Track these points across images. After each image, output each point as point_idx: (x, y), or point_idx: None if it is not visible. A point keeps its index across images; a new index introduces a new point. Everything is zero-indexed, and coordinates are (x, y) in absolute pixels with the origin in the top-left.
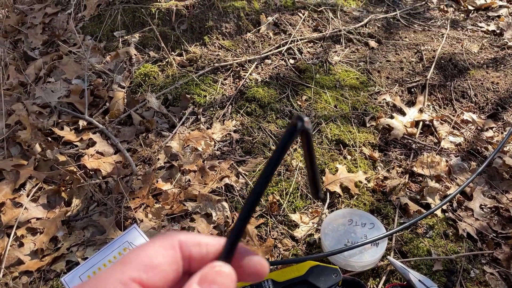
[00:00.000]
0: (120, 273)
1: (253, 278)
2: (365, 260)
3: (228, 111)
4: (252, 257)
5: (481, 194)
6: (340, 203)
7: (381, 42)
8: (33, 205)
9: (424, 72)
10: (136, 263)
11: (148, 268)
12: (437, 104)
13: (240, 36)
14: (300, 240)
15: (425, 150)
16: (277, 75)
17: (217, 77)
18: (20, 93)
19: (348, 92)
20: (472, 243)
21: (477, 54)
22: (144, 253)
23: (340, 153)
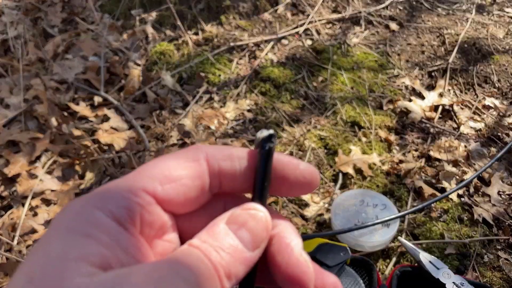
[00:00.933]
0: (131, 182)
1: (304, 190)
2: (375, 240)
3: (242, 90)
4: (298, 164)
5: (500, 180)
6: (352, 184)
7: (403, 25)
8: (48, 177)
9: (446, 56)
10: (152, 173)
11: (165, 179)
12: (458, 88)
13: (257, 16)
14: (310, 219)
15: (443, 135)
16: (293, 55)
17: (232, 56)
18: (38, 69)
19: (366, 74)
20: (488, 229)
21: (503, 39)
22: (163, 163)
23: (355, 135)
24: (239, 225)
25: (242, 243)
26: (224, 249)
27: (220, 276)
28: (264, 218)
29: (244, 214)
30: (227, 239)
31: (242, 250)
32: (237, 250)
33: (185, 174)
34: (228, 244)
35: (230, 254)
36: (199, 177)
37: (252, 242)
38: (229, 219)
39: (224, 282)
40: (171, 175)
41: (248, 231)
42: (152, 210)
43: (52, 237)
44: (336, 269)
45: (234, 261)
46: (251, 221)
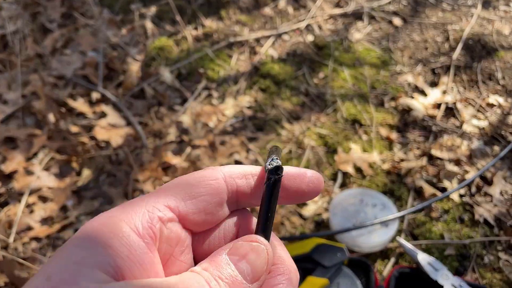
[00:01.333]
0: (155, 199)
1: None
2: (373, 240)
3: (242, 87)
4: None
5: (503, 180)
6: (351, 183)
7: (406, 21)
8: (45, 173)
9: (449, 52)
10: (175, 191)
11: (186, 196)
12: (462, 86)
13: (257, 11)
14: (308, 219)
15: (446, 133)
16: (294, 51)
17: (232, 52)
18: (36, 64)
19: (368, 71)
20: (489, 229)
21: (508, 35)
22: (185, 182)
23: (355, 133)
24: (240, 257)
25: (242, 275)
26: (223, 279)
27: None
28: (265, 251)
29: (245, 246)
30: (228, 270)
31: (241, 282)
32: (236, 281)
33: (205, 191)
34: (228, 274)
35: (228, 285)
36: (218, 194)
37: (251, 274)
38: (231, 250)
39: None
40: (192, 192)
41: (249, 264)
42: (172, 227)
43: (76, 242)
44: (333, 270)
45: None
46: (252, 254)
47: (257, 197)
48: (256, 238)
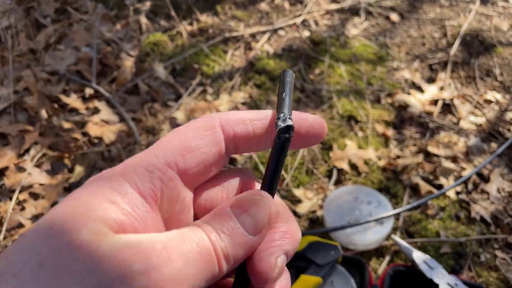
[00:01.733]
0: (152, 157)
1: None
2: (368, 238)
3: (237, 82)
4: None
5: (500, 177)
6: (346, 180)
7: (403, 16)
8: (36, 170)
9: (447, 48)
10: (172, 145)
11: (185, 150)
12: (459, 82)
13: (253, 6)
14: (302, 216)
15: (442, 130)
16: (290, 47)
17: (227, 47)
18: (29, 60)
19: (364, 66)
20: (485, 227)
21: (507, 32)
22: (181, 136)
23: (351, 129)
24: (243, 210)
25: (243, 227)
26: (225, 231)
27: (218, 257)
28: (267, 205)
29: (248, 200)
30: (229, 223)
31: (243, 234)
32: (237, 233)
33: (203, 143)
34: (229, 227)
35: (230, 237)
36: (216, 144)
37: (253, 227)
38: (234, 203)
39: (222, 263)
40: (190, 146)
41: (251, 216)
42: (174, 186)
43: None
44: (326, 268)
45: (234, 244)
46: (254, 207)
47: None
48: (259, 192)
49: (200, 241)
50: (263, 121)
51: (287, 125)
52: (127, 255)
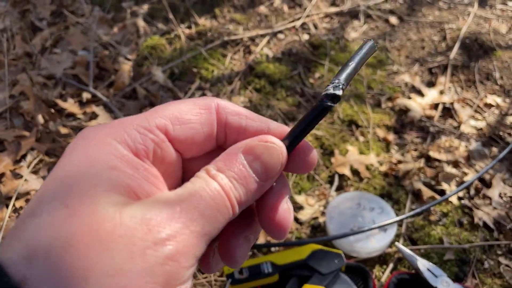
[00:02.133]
0: (144, 119)
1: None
2: (371, 246)
3: (236, 87)
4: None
5: (501, 182)
6: (348, 186)
7: (403, 19)
8: (33, 177)
9: (447, 51)
10: (164, 113)
11: (176, 120)
12: (459, 86)
13: (252, 9)
14: (304, 223)
15: (443, 134)
16: (289, 51)
17: (226, 51)
18: (25, 64)
19: (364, 70)
20: (488, 233)
21: (506, 34)
22: (175, 107)
23: (352, 134)
24: (255, 157)
25: (256, 174)
26: (238, 179)
27: (233, 204)
28: (279, 151)
29: (260, 146)
30: (242, 170)
31: (255, 181)
32: (250, 181)
33: (195, 119)
34: (242, 175)
35: (243, 185)
36: (208, 124)
37: (265, 174)
38: (246, 150)
39: (236, 209)
40: (182, 118)
41: (262, 164)
42: (164, 147)
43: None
44: (330, 277)
45: (247, 191)
46: (266, 154)
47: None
48: (270, 139)
49: (216, 196)
50: (259, 123)
51: (335, 93)
52: (151, 224)
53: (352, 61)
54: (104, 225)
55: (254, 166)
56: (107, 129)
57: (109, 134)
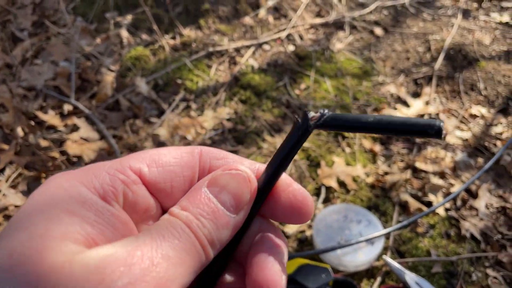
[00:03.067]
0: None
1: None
2: (359, 259)
3: (221, 98)
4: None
5: (487, 193)
6: (335, 198)
7: (388, 31)
8: (12, 191)
9: (431, 62)
10: (140, 156)
11: (152, 163)
12: (444, 96)
13: (237, 20)
14: (291, 237)
15: (429, 145)
16: (275, 62)
17: (211, 62)
18: (5, 75)
19: (350, 81)
20: (475, 244)
21: (489, 45)
22: (155, 151)
23: (338, 145)
24: (220, 188)
25: (224, 207)
26: (205, 215)
27: (203, 245)
28: (246, 178)
29: (225, 176)
30: (209, 204)
31: (225, 215)
32: (219, 215)
33: (174, 162)
34: (209, 209)
35: (212, 221)
36: (189, 167)
37: (234, 205)
38: (210, 182)
39: (208, 250)
40: (160, 160)
41: (230, 194)
42: (137, 190)
43: (34, 212)
44: None
45: (217, 227)
46: (232, 183)
47: None
48: (235, 167)
49: (181, 235)
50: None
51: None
52: (106, 273)
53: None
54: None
55: (222, 198)
56: (75, 173)
57: (75, 177)
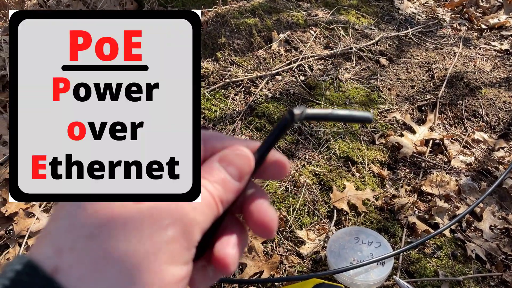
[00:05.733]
0: None
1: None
2: (370, 279)
3: (238, 126)
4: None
5: (491, 215)
6: (347, 221)
7: (392, 60)
8: (44, 215)
9: (435, 90)
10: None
11: None
12: (448, 122)
13: (251, 53)
14: (306, 257)
15: (434, 169)
16: (287, 91)
17: (228, 92)
18: None
19: (358, 109)
20: (481, 265)
21: (490, 73)
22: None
23: (349, 170)
24: (228, 163)
25: (231, 176)
26: (218, 182)
27: (216, 202)
28: (247, 156)
29: (231, 154)
30: (220, 174)
31: (231, 182)
32: (227, 182)
33: None
34: (220, 178)
35: (222, 186)
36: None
37: (238, 175)
38: (220, 158)
39: (219, 206)
40: None
41: (235, 167)
42: None
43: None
44: None
45: (225, 191)
46: (237, 159)
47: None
48: (239, 147)
49: (203, 194)
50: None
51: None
52: (155, 212)
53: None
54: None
55: (229, 170)
56: None
57: None
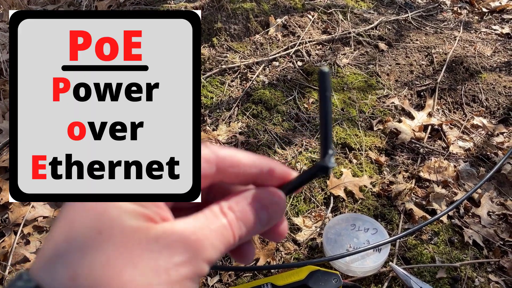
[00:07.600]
0: None
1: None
2: (366, 265)
3: (234, 113)
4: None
5: (489, 201)
6: (343, 208)
7: (391, 45)
8: (40, 203)
9: (434, 75)
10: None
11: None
12: (447, 108)
13: (248, 38)
14: (302, 244)
15: (433, 155)
16: (284, 77)
17: (224, 78)
18: None
19: (356, 95)
20: (478, 251)
21: (490, 57)
22: None
23: (346, 157)
24: (262, 206)
25: (260, 222)
26: (244, 221)
27: (235, 239)
28: (283, 206)
29: (268, 198)
30: (250, 216)
31: (257, 227)
32: (254, 226)
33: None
34: (249, 220)
35: (247, 228)
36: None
37: (267, 222)
38: (256, 197)
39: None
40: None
41: (268, 214)
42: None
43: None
44: None
45: (248, 233)
46: (273, 206)
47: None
48: (278, 193)
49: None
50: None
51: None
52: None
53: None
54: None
55: (260, 215)
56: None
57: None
